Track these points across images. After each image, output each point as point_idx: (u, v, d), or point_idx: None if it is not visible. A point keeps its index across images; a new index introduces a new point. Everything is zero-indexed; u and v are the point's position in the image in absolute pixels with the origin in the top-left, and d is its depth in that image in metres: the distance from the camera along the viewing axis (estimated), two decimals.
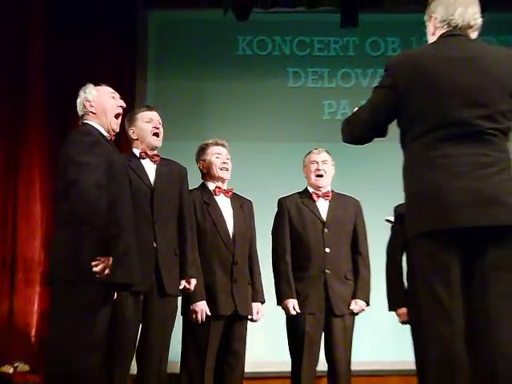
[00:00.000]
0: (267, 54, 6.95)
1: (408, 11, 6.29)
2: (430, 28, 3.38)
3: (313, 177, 5.28)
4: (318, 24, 6.92)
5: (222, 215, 5.11)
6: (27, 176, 5.89)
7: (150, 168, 4.82)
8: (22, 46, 6.00)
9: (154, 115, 4.88)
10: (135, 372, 4.76)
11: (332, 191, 5.31)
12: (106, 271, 3.91)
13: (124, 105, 4.40)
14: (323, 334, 5.13)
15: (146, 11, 6.80)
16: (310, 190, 5.31)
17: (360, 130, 3.38)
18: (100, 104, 4.30)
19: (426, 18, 3.38)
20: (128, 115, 4.92)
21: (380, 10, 6.74)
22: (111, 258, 3.92)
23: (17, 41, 5.98)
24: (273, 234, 5.29)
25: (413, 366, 4.81)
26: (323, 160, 5.28)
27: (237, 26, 6.74)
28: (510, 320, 3.10)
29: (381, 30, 6.96)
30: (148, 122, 4.85)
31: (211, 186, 5.16)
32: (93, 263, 3.88)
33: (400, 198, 3.33)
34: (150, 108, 4.97)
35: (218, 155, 5.15)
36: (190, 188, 5.05)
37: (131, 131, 4.89)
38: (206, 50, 6.78)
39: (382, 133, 3.35)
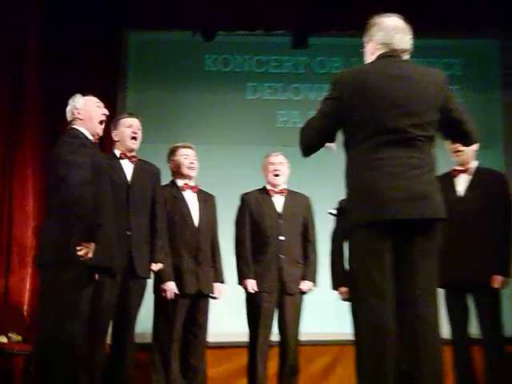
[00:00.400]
0: (230, 71, 6.94)
1: (349, 36, 6.31)
2: (369, 48, 3.39)
3: (270, 176, 5.30)
4: (273, 45, 6.92)
5: (188, 208, 5.12)
6: (21, 173, 5.83)
7: (128, 167, 4.80)
8: (19, 61, 5.92)
9: (134, 121, 4.87)
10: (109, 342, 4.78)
11: (286, 189, 5.34)
12: (89, 255, 3.93)
13: (107, 113, 4.40)
14: (277, 309, 5.16)
15: (127, 32, 6.76)
16: (268, 187, 5.33)
17: (313, 137, 3.35)
18: (87, 112, 4.29)
19: (365, 39, 3.40)
20: (113, 120, 4.92)
21: (326, 34, 6.76)
22: (93, 244, 3.94)
23: (15, 55, 5.90)
24: (235, 224, 5.29)
25: (351, 337, 4.84)
26: (280, 162, 5.32)
27: (204, 46, 6.74)
28: (431, 300, 3.17)
29: (326, 52, 6.97)
30: (128, 127, 4.83)
31: (180, 182, 5.18)
32: (78, 248, 3.90)
33: (342, 194, 3.33)
34: (131, 115, 4.96)
35: (186, 156, 5.18)
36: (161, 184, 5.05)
37: (114, 134, 4.87)
38: (178, 66, 6.76)
39: (332, 138, 3.35)
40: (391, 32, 3.31)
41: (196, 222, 5.10)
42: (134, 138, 4.82)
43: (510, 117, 6.77)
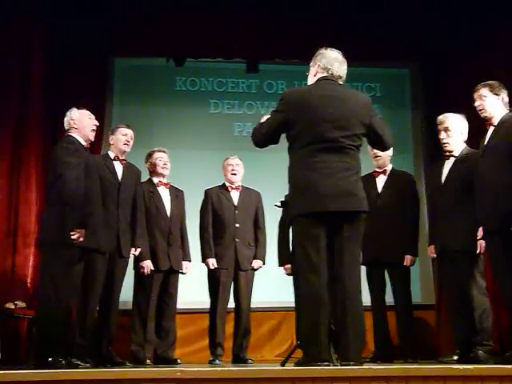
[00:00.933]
0: (196, 90, 6.88)
1: (291, 64, 6.34)
2: (313, 71, 3.45)
3: (229, 175, 5.31)
4: (231, 70, 6.89)
5: (162, 201, 5.12)
6: (26, 170, 5.71)
7: (119, 168, 4.78)
8: (26, 77, 5.78)
9: (128, 131, 4.86)
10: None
11: (241, 185, 5.34)
12: (81, 239, 3.95)
13: (97, 123, 4.41)
14: (233, 282, 5.17)
15: (113, 58, 6.67)
16: (227, 184, 5.33)
17: (261, 139, 3.44)
18: (81, 122, 4.28)
19: (311, 63, 3.46)
20: (112, 128, 4.98)
21: (273, 62, 6.76)
22: (84, 230, 3.96)
23: (22, 74, 5.77)
24: (200, 214, 5.28)
25: (293, 304, 4.85)
26: (236, 163, 5.32)
27: (176, 69, 6.67)
28: (355, 276, 3.22)
29: (273, 76, 6.95)
30: (124, 135, 4.83)
31: (155, 180, 5.18)
32: (71, 233, 3.92)
33: (286, 190, 3.35)
34: (128, 127, 4.92)
35: (161, 158, 5.19)
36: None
37: (111, 138, 4.87)
38: (154, 85, 6.68)
39: (275, 141, 3.41)
40: (332, 61, 3.38)
41: (168, 212, 5.10)
42: (125, 144, 4.80)
43: (417, 130, 6.88)
